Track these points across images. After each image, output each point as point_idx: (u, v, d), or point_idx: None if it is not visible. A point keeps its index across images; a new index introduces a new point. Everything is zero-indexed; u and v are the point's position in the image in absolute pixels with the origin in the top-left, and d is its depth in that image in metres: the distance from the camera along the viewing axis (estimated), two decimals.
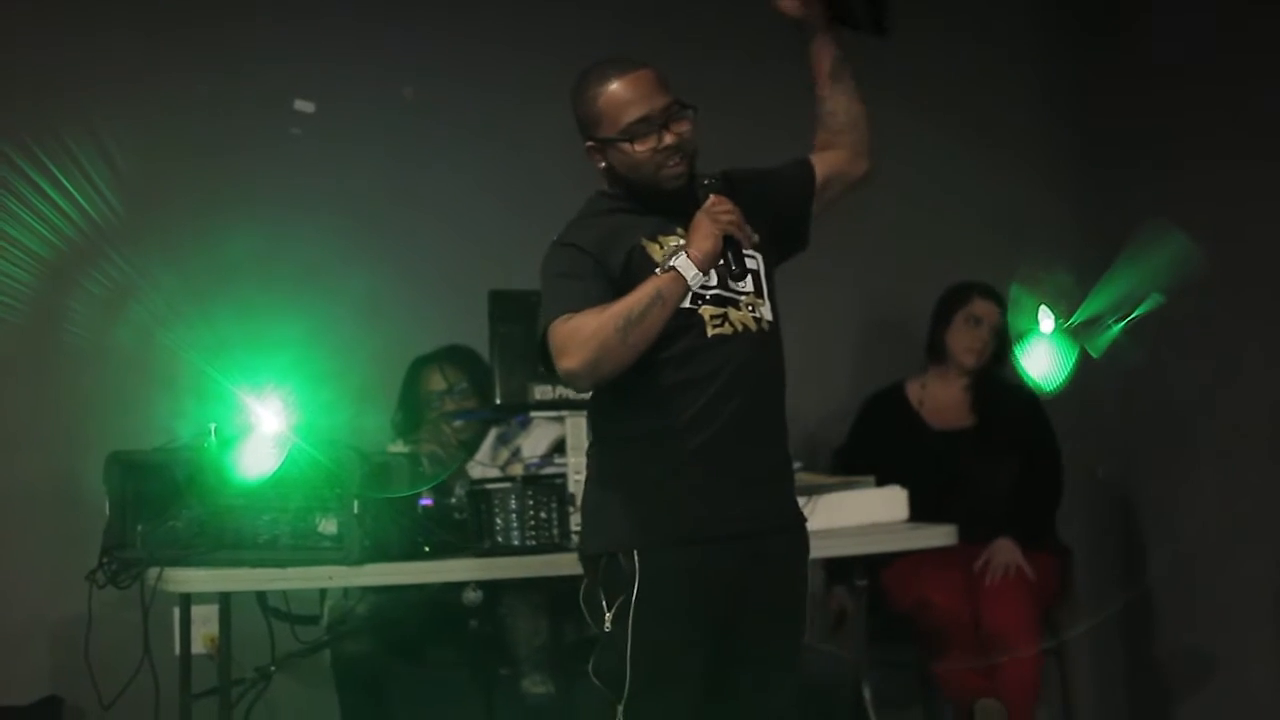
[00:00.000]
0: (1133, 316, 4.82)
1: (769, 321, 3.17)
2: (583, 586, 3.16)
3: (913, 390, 5.06)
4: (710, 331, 3.09)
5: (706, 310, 3.09)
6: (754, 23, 5.27)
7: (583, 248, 3.11)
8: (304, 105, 4.99)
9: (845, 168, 3.36)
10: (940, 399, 5.02)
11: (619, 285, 3.06)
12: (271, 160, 4.97)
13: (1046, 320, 4.76)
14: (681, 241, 3.08)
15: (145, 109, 4.89)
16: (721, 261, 3.06)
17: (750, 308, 3.14)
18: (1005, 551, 4.76)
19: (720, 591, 3.09)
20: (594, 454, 3.25)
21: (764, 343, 3.15)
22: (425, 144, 5.07)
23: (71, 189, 4.78)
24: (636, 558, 3.05)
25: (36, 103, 4.84)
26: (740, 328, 3.11)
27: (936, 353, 5.04)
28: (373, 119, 5.06)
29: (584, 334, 2.99)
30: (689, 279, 3.01)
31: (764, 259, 3.21)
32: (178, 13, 4.97)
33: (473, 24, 5.18)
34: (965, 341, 4.99)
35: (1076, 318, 4.91)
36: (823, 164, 3.35)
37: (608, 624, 3.08)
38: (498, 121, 4.85)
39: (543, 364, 3.13)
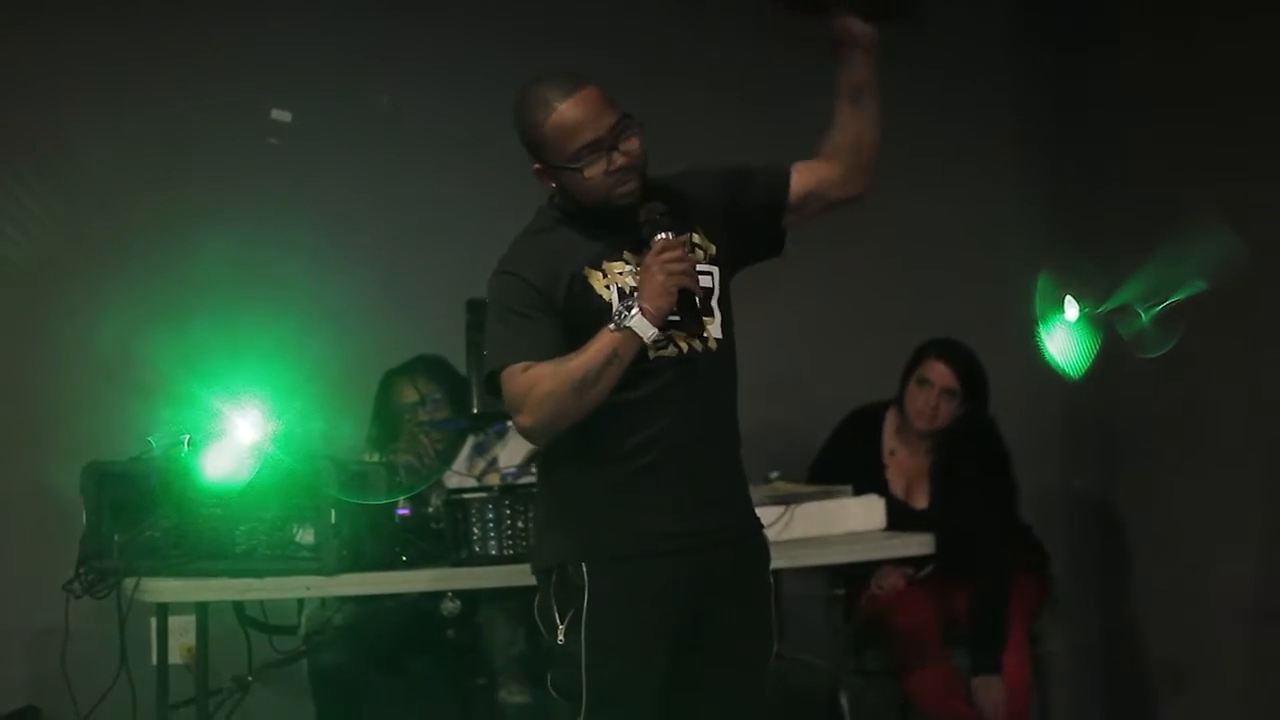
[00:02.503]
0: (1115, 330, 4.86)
1: (716, 339, 3.10)
2: (536, 600, 3.14)
3: (889, 426, 4.98)
4: (653, 354, 3.04)
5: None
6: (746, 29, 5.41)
7: (528, 280, 3.06)
8: (280, 114, 4.98)
9: (833, 187, 3.21)
10: (904, 463, 4.95)
11: (562, 315, 3.04)
12: (248, 169, 4.97)
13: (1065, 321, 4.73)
14: (627, 268, 3.05)
15: (121, 118, 4.89)
16: (676, 316, 3.00)
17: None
18: (992, 693, 4.67)
19: (675, 604, 3.07)
20: (543, 469, 3.24)
21: (711, 361, 3.09)
22: (402, 153, 5.07)
23: (47, 198, 4.78)
24: (585, 570, 3.04)
25: (10, 112, 4.85)
26: (685, 348, 3.07)
27: (901, 410, 4.98)
28: (349, 128, 5.06)
29: (539, 393, 2.98)
30: (646, 338, 2.98)
31: (720, 272, 3.15)
32: (154, 23, 4.97)
33: (450, 32, 5.18)
34: (916, 404, 4.85)
35: (1059, 329, 4.93)
36: (808, 176, 3.21)
37: (561, 637, 3.06)
38: (474, 130, 4.84)
39: (490, 394, 3.13)
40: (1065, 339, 4.83)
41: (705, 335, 3.08)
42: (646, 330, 2.98)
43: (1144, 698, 5.33)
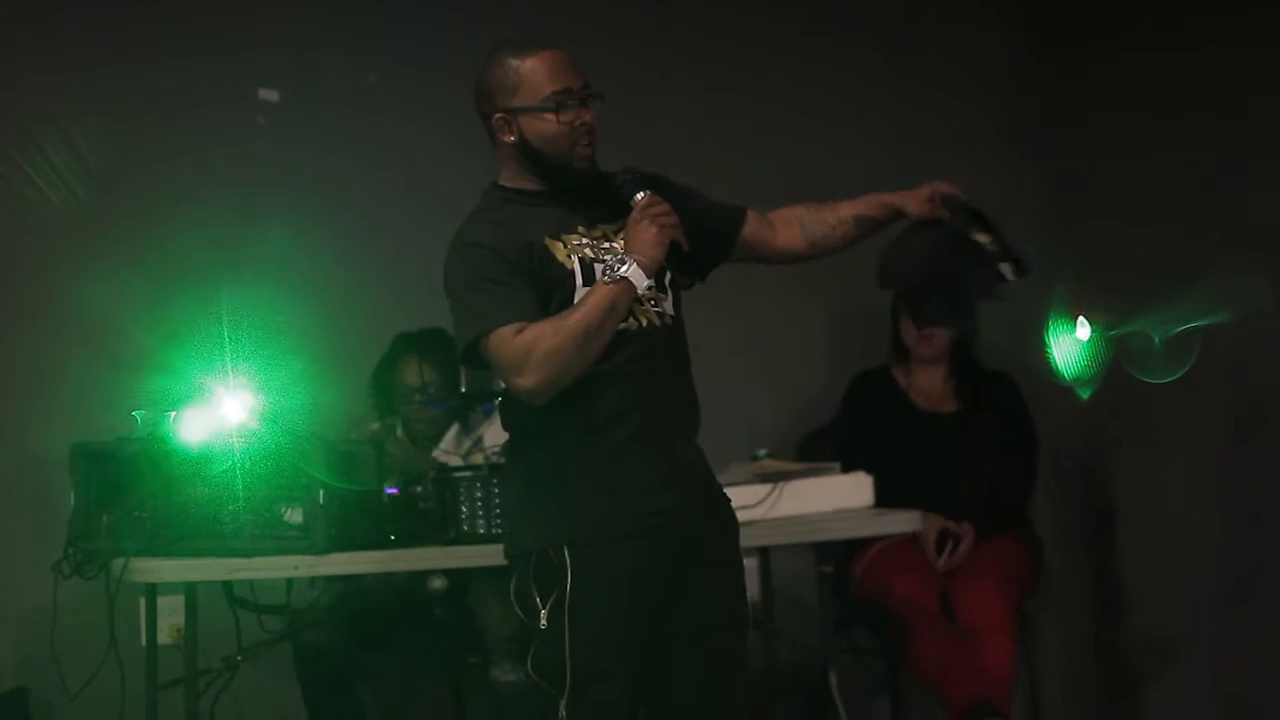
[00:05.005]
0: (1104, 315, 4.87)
1: (671, 316, 3.15)
2: (512, 584, 3.15)
3: (899, 374, 5.06)
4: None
5: None
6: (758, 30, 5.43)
7: (494, 249, 3.07)
8: (267, 94, 4.98)
9: (772, 253, 3.35)
10: (925, 385, 5.03)
11: (532, 281, 3.05)
12: (236, 148, 4.95)
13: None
14: (584, 240, 3.09)
15: (106, 94, 4.88)
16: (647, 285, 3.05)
17: (653, 303, 3.11)
18: (965, 540, 4.77)
19: (653, 583, 3.08)
20: (514, 452, 3.25)
21: (668, 337, 3.14)
22: (391, 131, 5.06)
23: (35, 178, 4.77)
24: (567, 553, 3.04)
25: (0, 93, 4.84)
26: (644, 322, 3.10)
27: (901, 355, 5.05)
28: (337, 106, 5.05)
29: (542, 351, 2.98)
30: (641, 289, 3.02)
31: (674, 256, 3.15)
32: (141, 3, 4.96)
33: (440, 11, 5.16)
34: (914, 336, 4.99)
35: (1067, 344, 4.97)
36: (758, 229, 3.33)
37: (543, 620, 3.06)
38: (461, 108, 4.82)
39: (467, 365, 3.20)
40: (1073, 354, 4.88)
41: (660, 308, 3.12)
42: (642, 281, 3.01)
43: (1133, 675, 5.34)
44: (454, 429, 4.60)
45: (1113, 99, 5.32)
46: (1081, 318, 4.76)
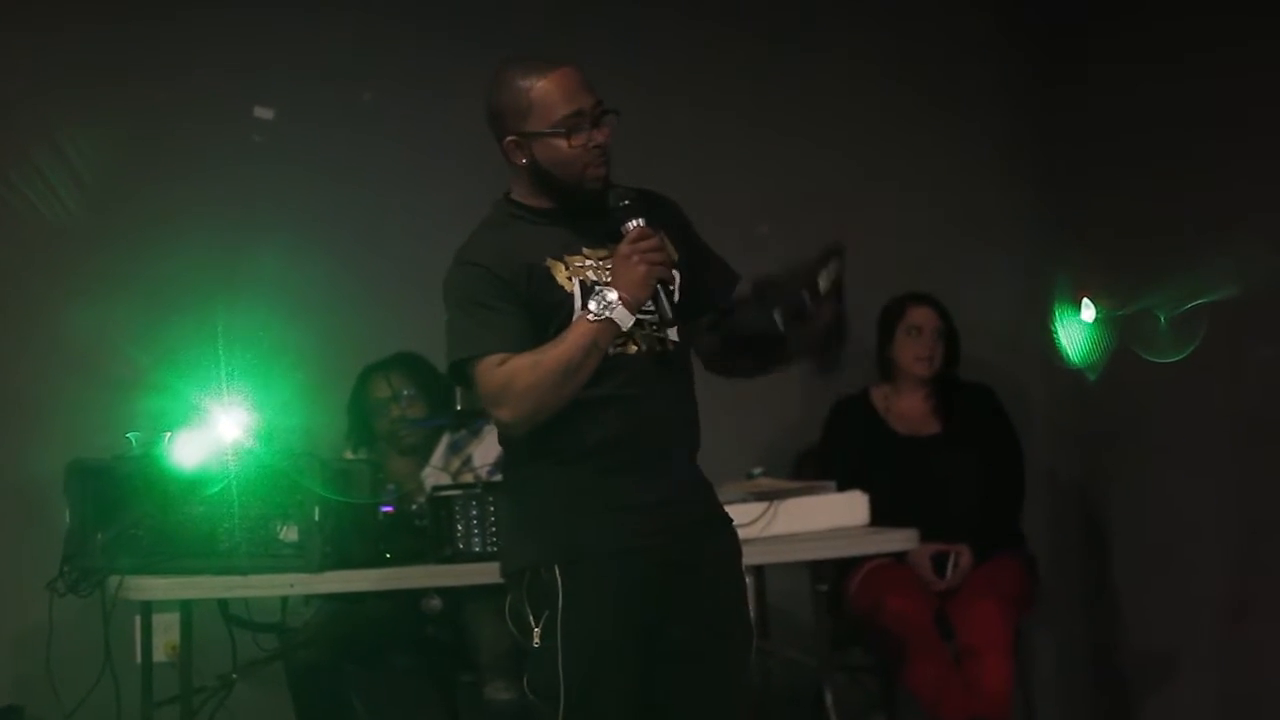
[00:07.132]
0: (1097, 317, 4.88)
1: (673, 342, 3.12)
2: (507, 602, 3.15)
3: (878, 397, 5.07)
4: (613, 350, 3.05)
5: None
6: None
7: (491, 270, 3.06)
8: (263, 111, 4.99)
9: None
10: (904, 408, 5.03)
11: (526, 306, 3.04)
12: (231, 166, 4.96)
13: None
14: (587, 262, 3.07)
15: (104, 115, 4.88)
16: (652, 307, 3.04)
17: (654, 327, 3.09)
18: (963, 558, 4.79)
19: (646, 601, 3.07)
20: (509, 471, 3.26)
21: (668, 361, 3.11)
22: (384, 147, 5.07)
23: (30, 194, 4.77)
24: (559, 572, 3.04)
25: None
26: (644, 347, 3.08)
27: (888, 371, 5.06)
28: (331, 123, 5.06)
29: (520, 386, 2.99)
30: (625, 328, 3.01)
31: (679, 279, 3.14)
32: (137, 21, 4.97)
33: (436, 30, 5.18)
34: (912, 351, 4.99)
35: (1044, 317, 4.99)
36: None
37: (536, 639, 3.07)
38: (457, 127, 4.84)
39: (456, 382, 3.21)
40: (1077, 336, 4.90)
41: (660, 333, 3.10)
42: (627, 320, 2.99)
43: (1129, 690, 5.34)
44: (442, 444, 4.61)
45: (1112, 98, 5.34)
46: (1086, 299, 4.78)
